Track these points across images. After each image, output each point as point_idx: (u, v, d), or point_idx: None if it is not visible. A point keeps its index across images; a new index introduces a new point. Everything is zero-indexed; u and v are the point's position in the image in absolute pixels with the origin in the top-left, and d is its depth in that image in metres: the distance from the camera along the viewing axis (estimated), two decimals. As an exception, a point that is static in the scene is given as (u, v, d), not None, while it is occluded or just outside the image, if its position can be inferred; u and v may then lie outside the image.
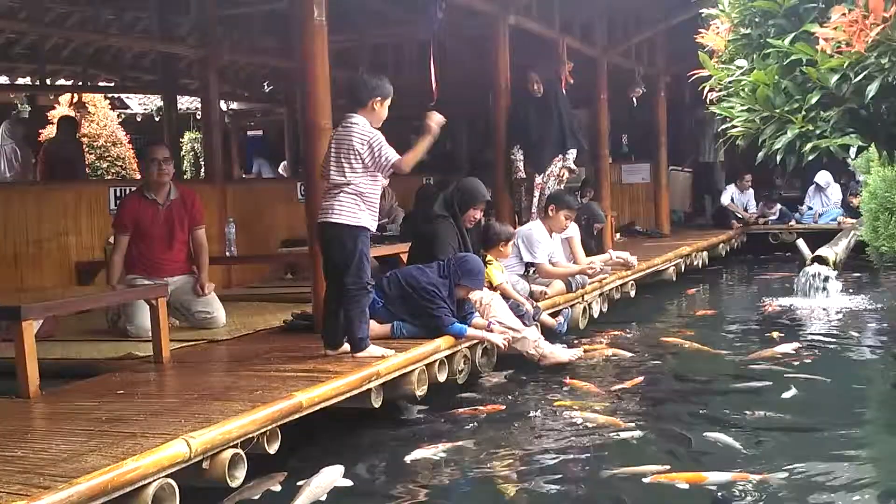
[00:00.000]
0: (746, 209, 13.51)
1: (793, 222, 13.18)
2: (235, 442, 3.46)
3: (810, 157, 3.36)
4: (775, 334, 6.85)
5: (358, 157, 4.54)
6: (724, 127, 3.79)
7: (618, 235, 12.08)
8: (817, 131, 3.31)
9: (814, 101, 3.41)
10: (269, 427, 3.67)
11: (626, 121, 14.21)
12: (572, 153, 8.13)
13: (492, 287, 6.11)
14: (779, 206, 13.45)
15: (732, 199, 13.47)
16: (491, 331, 5.47)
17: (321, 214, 4.68)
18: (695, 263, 10.86)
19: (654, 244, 11.31)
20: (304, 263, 6.80)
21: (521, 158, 8.13)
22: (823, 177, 13.10)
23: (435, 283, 5.30)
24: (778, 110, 3.48)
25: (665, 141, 12.97)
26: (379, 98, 4.64)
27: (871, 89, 3.21)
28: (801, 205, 13.54)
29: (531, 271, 7.12)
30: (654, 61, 12.64)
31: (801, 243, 9.80)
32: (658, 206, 13.07)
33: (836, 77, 3.35)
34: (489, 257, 6.24)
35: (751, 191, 13.58)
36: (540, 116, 8.09)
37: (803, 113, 3.41)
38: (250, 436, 3.56)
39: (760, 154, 3.46)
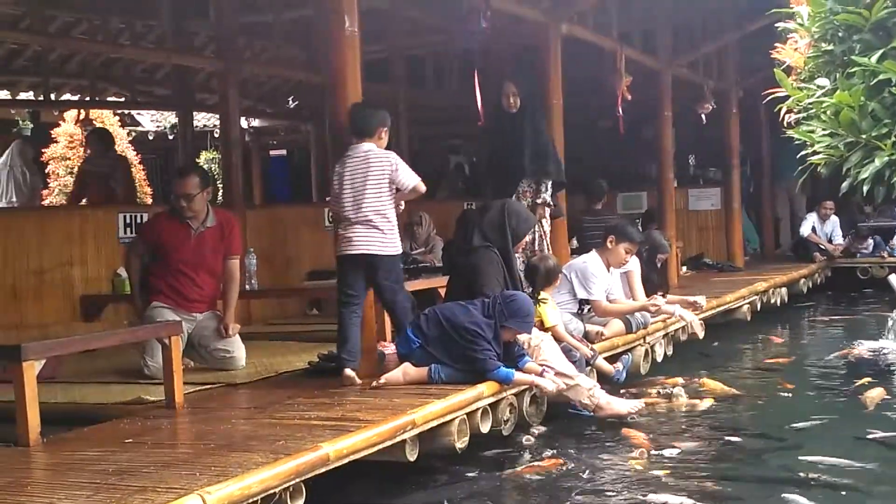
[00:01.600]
0: (831, 240, 13.37)
1: (885, 254, 13.00)
2: (256, 498, 3.49)
3: (901, 190, 3.34)
4: (866, 380, 6.76)
5: (389, 184, 5.36)
6: (803, 153, 3.77)
7: (684, 269, 12.04)
8: (909, 159, 3.29)
9: (905, 125, 3.39)
10: (293, 481, 3.69)
11: (694, 140, 14.21)
12: (546, 184, 7.42)
13: (542, 328, 6.11)
14: (871, 240, 13.27)
15: (814, 229, 13.35)
16: (542, 375, 5.47)
17: (357, 246, 5.36)
18: (772, 301, 10.78)
19: (725, 279, 11.25)
20: (331, 298, 6.85)
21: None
22: (920, 202, 12.96)
23: (478, 322, 5.31)
24: (864, 136, 3.46)
25: (737, 163, 12.92)
26: (385, 128, 5.49)
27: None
28: (895, 235, 13.36)
29: (586, 309, 7.11)
30: (724, 75, 12.63)
31: (893, 279, 9.68)
32: (730, 236, 13.00)
33: (929, 98, 3.34)
34: (542, 294, 6.26)
35: (835, 219, 13.46)
36: (509, 138, 7.40)
37: (893, 139, 3.39)
38: (272, 491, 3.58)
39: (845, 184, 3.44)
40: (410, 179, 5.37)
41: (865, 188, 3.48)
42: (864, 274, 13.00)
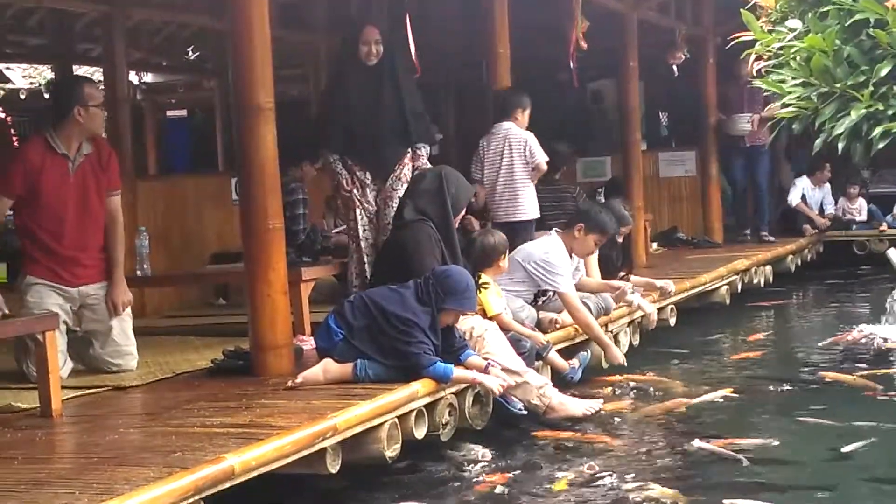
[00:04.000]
0: (823, 210, 13.57)
1: (884, 227, 13.24)
2: (146, 519, 3.49)
3: (881, 145, 3.40)
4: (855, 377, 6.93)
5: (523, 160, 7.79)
6: (771, 106, 3.84)
7: (654, 245, 12.18)
8: (889, 112, 3.36)
9: (884, 72, 3.45)
10: (192, 499, 3.69)
11: (666, 96, 14.34)
12: (425, 148, 7.11)
13: (485, 316, 6.17)
14: (861, 201, 13.48)
15: (804, 198, 13.51)
16: (486, 372, 5.52)
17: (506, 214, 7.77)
18: (755, 281, 10.96)
19: (701, 256, 11.42)
20: (239, 284, 6.84)
21: (341, 163, 7.04)
22: (925, 166, 13.20)
23: (412, 309, 5.34)
24: (839, 85, 3.52)
25: (715, 122, 13.03)
26: (521, 108, 7.94)
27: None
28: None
29: (541, 301, 7.16)
30: (699, 19, 12.73)
31: (892, 254, 9.88)
32: (707, 207, 13.15)
33: (911, 41, 3.39)
34: (484, 278, 6.30)
35: (828, 186, 13.66)
36: (370, 96, 6.96)
37: (871, 88, 3.46)
38: (166, 511, 3.59)
39: (818, 141, 3.51)
40: (539, 157, 7.77)
41: (840, 145, 3.55)
42: (861, 249, 13.21)
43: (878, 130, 3.44)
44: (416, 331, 5.28)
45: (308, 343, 6.29)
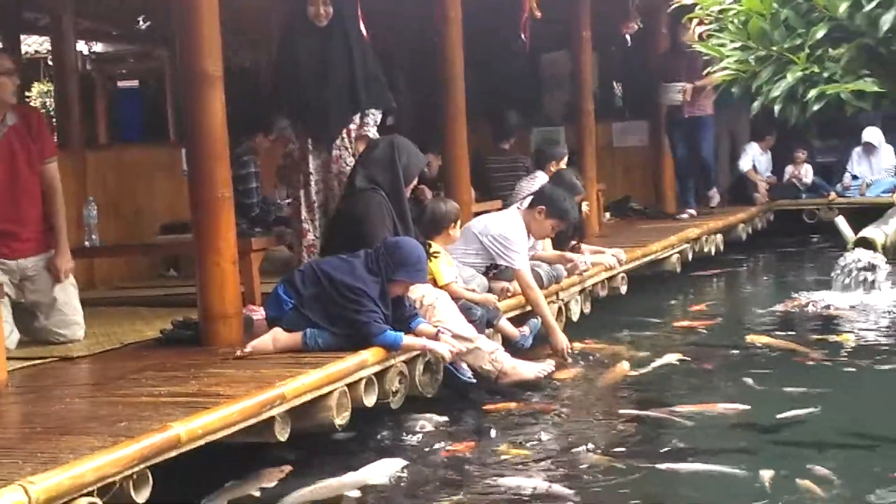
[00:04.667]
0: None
1: (833, 195, 13.38)
2: (91, 489, 3.47)
3: (816, 108, 3.43)
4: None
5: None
6: (709, 70, 3.86)
7: (607, 215, 12.24)
8: (825, 74, 3.39)
9: (820, 35, 3.46)
10: (137, 468, 3.69)
11: (619, 66, 14.37)
12: (374, 115, 6.85)
13: (436, 285, 6.17)
14: (809, 167, 13.59)
15: (754, 166, 13.62)
16: (437, 339, 5.54)
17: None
18: (706, 250, 11.05)
19: (653, 226, 11.51)
20: (190, 255, 6.79)
21: (292, 129, 6.89)
22: (872, 134, 13.26)
23: (362, 278, 5.34)
24: (776, 48, 3.54)
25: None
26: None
27: (886, 20, 3.27)
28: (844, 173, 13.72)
29: (491, 274, 7.16)
30: (653, -14, 12.73)
31: (840, 222, 9.98)
32: (660, 177, 13.22)
33: (846, 4, 3.41)
34: (434, 247, 6.29)
35: (769, 153, 13.82)
36: (319, 58, 6.75)
37: (807, 51, 3.48)
38: (110, 480, 3.57)
39: (755, 104, 3.53)
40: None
41: (777, 108, 3.57)
42: (811, 217, 13.36)
43: (813, 93, 3.47)
44: (365, 300, 5.29)
45: (258, 313, 6.27)
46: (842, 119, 3.55)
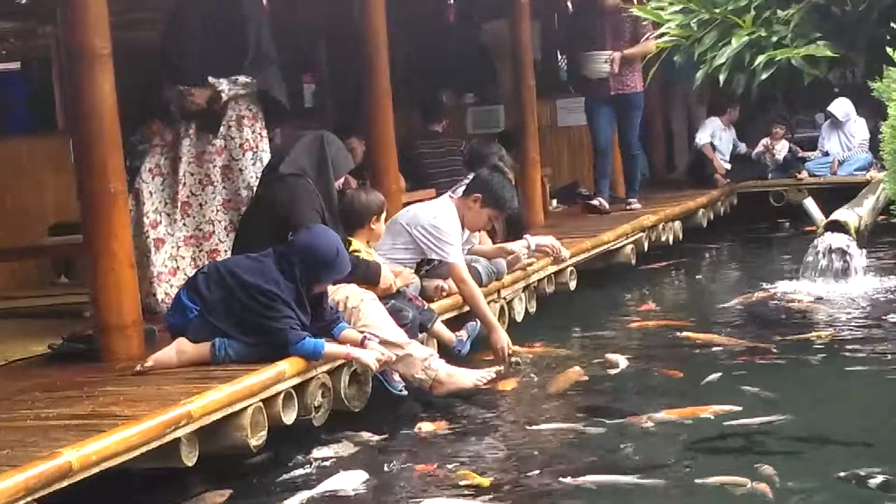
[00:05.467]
0: (736, 153, 13.89)
1: (804, 174, 13.52)
2: (-31, 527, 3.44)
3: (764, 76, 3.46)
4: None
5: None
6: (649, 36, 3.88)
7: (553, 202, 12.27)
8: (773, 38, 3.42)
9: (767, -5, 3.49)
10: (22, 501, 3.65)
11: (563, 35, 14.39)
12: (249, 84, 6.99)
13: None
14: (786, 144, 13.71)
15: (713, 141, 13.70)
16: (363, 346, 5.52)
17: None
18: (662, 238, 11.12)
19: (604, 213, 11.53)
20: (82, 259, 6.72)
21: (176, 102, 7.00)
22: (838, 107, 13.41)
23: (275, 280, 5.30)
24: (720, 10, 3.56)
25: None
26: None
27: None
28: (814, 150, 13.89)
29: (424, 270, 7.16)
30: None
31: (809, 204, 10.10)
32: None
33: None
34: (354, 244, 6.27)
35: (731, 129, 13.95)
36: (209, 33, 6.91)
37: (753, 13, 3.51)
38: (-8, 516, 3.54)
39: (699, 73, 3.56)
40: None
41: (722, 77, 3.61)
42: (778, 200, 13.45)
43: (760, 59, 3.51)
44: (279, 304, 5.26)
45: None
46: (815, 88, 3.60)
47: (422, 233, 6.88)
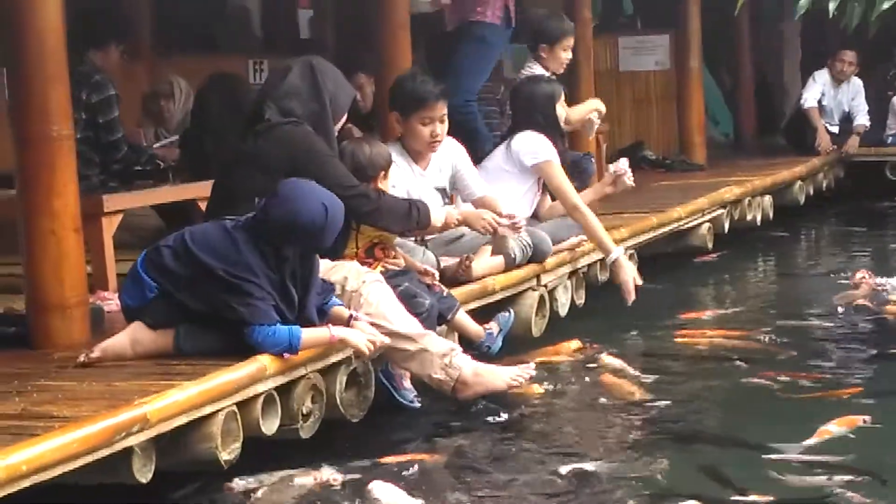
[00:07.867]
0: (850, 118, 13.72)
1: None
2: None
3: (886, 4, 3.44)
4: None
5: None
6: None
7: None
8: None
9: None
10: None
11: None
12: None
13: (367, 258, 6.21)
14: None
15: (822, 101, 13.62)
16: (350, 325, 5.48)
17: None
18: (748, 217, 11.10)
19: (675, 182, 11.59)
20: (10, 219, 6.70)
21: None
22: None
23: (245, 253, 5.21)
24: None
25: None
26: None
27: None
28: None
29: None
30: None
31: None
32: (685, 114, 13.26)
33: None
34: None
35: (857, 82, 13.76)
36: None
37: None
38: None
39: (803, 2, 3.54)
40: None
41: (832, 5, 3.58)
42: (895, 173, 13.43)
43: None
44: (248, 283, 5.15)
45: (112, 302, 6.26)
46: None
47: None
